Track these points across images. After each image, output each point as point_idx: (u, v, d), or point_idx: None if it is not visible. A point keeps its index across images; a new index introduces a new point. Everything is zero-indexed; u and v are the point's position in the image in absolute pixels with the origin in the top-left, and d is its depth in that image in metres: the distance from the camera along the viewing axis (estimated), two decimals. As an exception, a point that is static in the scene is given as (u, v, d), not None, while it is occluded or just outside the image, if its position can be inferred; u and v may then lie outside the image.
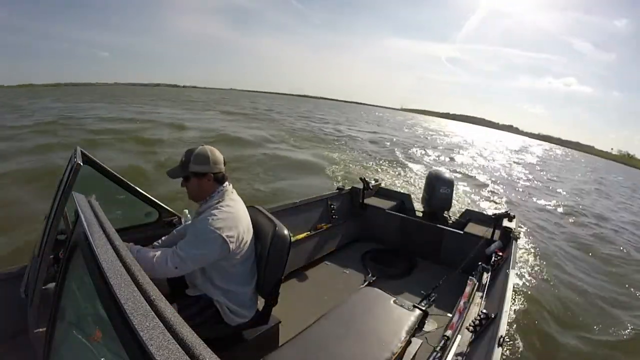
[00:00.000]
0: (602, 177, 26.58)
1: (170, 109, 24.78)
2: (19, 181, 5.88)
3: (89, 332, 0.70)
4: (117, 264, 0.56)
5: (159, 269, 1.24)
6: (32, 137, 10.22)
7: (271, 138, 13.92)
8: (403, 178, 9.76)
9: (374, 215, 3.48)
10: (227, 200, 1.39)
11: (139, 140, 10.56)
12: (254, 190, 6.54)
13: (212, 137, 12.24)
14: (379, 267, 2.94)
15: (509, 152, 29.47)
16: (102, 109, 21.47)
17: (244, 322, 1.49)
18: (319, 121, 26.89)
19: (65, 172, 1.32)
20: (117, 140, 10.30)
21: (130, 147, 9.60)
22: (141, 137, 11.07)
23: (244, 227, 1.39)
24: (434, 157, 15.73)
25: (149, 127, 13.87)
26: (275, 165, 8.93)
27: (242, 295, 1.46)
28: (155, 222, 1.92)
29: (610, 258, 5.99)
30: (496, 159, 19.95)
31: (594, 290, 4.42)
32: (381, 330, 1.46)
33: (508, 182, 12.73)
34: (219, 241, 1.27)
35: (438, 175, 3.51)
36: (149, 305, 0.47)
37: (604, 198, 14.66)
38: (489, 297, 1.98)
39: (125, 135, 11.10)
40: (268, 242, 1.46)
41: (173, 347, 0.40)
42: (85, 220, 0.74)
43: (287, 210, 2.78)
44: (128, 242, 1.34)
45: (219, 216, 1.30)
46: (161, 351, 0.39)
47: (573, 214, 9.24)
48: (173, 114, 20.38)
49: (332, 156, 11.31)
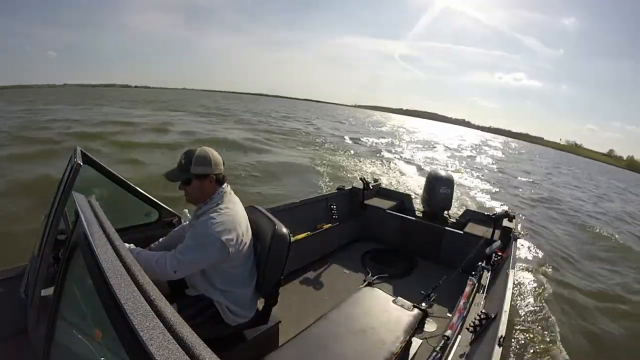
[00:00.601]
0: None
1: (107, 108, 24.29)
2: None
3: (89, 332, 0.70)
4: (117, 264, 0.56)
5: (159, 273, 1.24)
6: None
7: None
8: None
9: (374, 215, 3.48)
10: (227, 202, 1.38)
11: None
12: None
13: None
14: (379, 267, 2.94)
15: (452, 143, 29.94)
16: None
17: (244, 322, 1.48)
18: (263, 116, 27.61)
19: (65, 172, 1.32)
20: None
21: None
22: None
23: (242, 229, 1.38)
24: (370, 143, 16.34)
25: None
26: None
27: (242, 296, 1.46)
28: (155, 222, 1.92)
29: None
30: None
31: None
32: (381, 330, 1.46)
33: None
34: (218, 245, 1.26)
35: (438, 175, 3.51)
36: (149, 305, 0.47)
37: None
38: (489, 297, 1.97)
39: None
40: (268, 242, 1.45)
41: (173, 347, 0.40)
42: (85, 220, 0.74)
43: (287, 210, 2.78)
44: (128, 243, 1.33)
45: (218, 219, 1.29)
46: (161, 351, 0.39)
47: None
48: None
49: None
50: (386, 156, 13.82)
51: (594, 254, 6.13)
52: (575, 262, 5.43)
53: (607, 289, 4.55)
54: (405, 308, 1.63)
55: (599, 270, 5.29)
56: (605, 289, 4.56)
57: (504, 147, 44.04)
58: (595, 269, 5.35)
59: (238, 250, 1.35)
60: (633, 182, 32.22)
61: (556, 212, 9.21)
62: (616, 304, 4.13)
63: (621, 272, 5.32)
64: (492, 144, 44.95)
